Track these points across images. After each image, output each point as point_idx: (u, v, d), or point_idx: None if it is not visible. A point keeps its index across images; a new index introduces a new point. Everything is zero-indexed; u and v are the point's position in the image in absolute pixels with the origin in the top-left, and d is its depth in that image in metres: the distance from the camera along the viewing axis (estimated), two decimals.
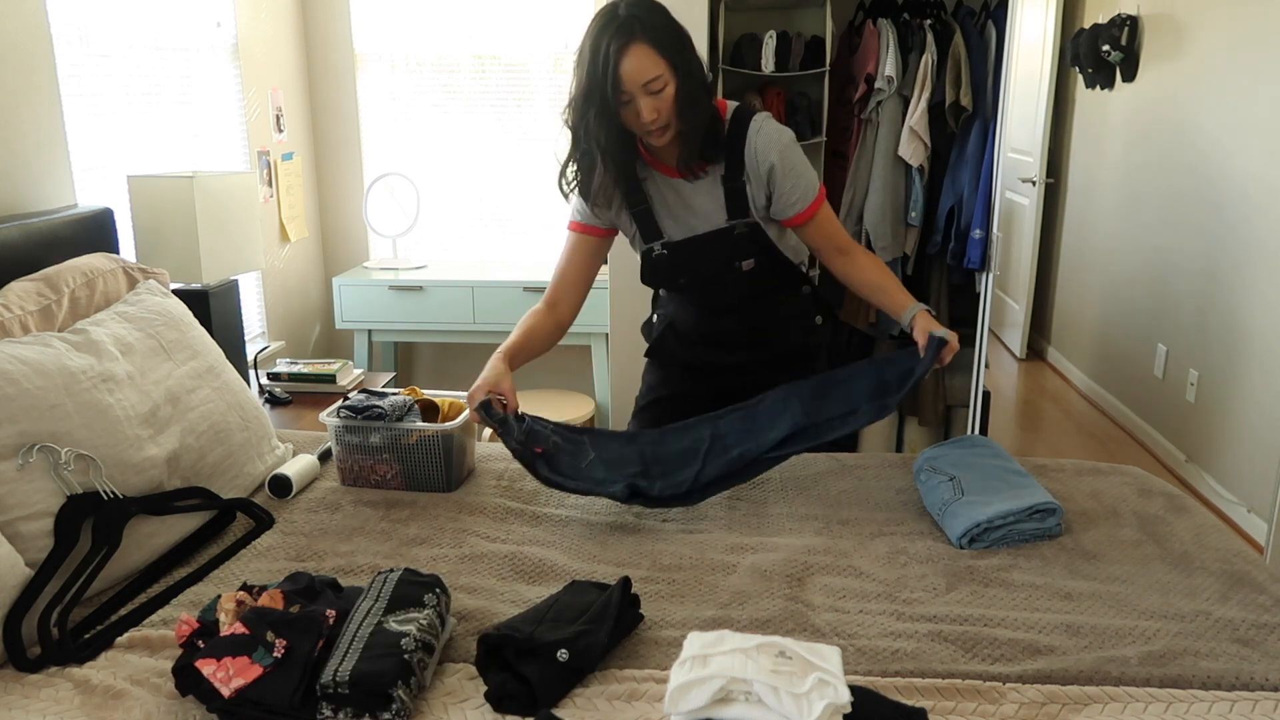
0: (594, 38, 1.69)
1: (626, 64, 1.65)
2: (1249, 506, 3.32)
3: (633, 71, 1.66)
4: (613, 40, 1.66)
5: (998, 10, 3.27)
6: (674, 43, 1.70)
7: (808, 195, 1.87)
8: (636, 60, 1.66)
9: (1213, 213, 3.63)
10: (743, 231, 1.87)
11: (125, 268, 1.97)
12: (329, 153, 3.90)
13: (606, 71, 1.66)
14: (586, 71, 1.69)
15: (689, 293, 2.02)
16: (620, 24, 1.66)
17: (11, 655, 1.30)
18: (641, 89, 1.67)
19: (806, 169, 1.87)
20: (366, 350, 3.68)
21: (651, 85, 1.67)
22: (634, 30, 1.65)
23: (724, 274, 1.92)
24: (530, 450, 1.72)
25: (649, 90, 1.68)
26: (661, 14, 1.71)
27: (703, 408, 1.88)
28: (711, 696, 1.09)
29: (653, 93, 1.68)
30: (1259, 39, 3.36)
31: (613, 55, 1.65)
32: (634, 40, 1.65)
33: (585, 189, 1.84)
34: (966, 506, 1.66)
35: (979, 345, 3.40)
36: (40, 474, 1.45)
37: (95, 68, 2.63)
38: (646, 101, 1.68)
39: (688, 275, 1.95)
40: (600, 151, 1.76)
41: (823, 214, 1.91)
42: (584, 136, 1.75)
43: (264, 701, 1.14)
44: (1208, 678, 1.26)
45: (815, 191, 1.88)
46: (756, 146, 1.81)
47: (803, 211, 1.88)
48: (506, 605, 1.44)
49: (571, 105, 1.75)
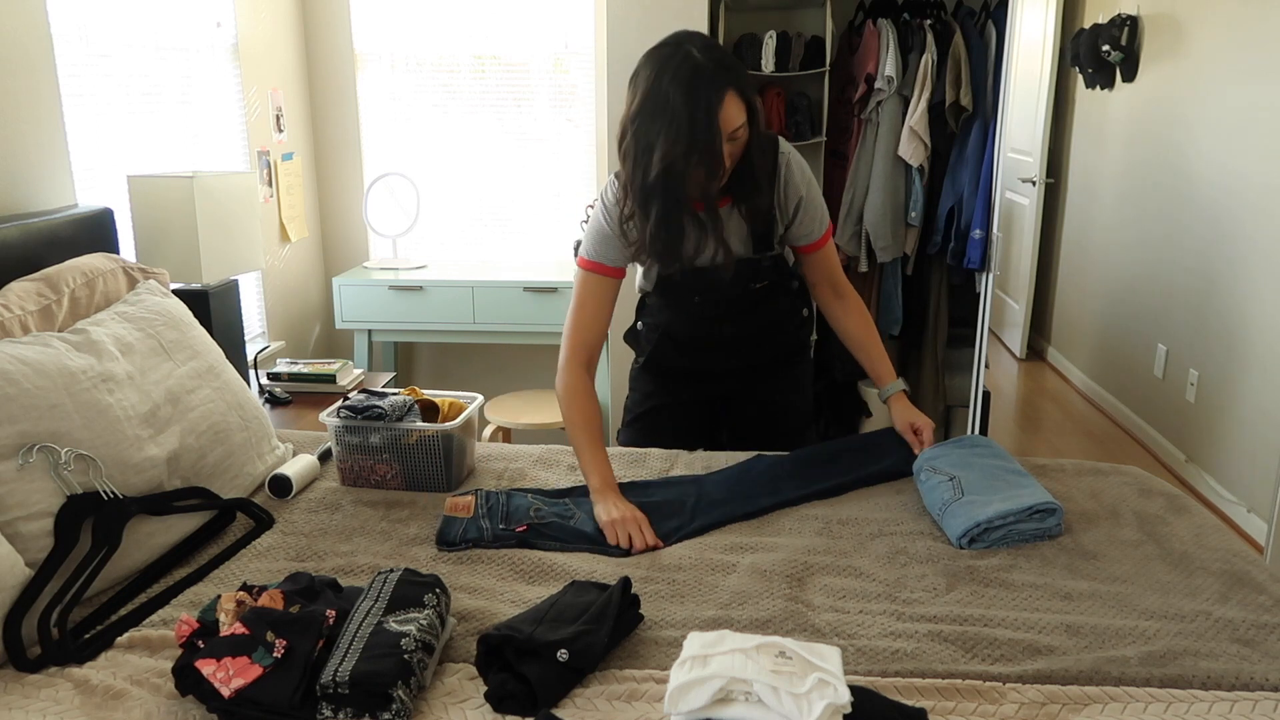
0: (677, 80, 1.60)
1: (725, 112, 1.62)
2: (1249, 506, 3.32)
3: (729, 119, 1.63)
4: (709, 86, 1.61)
5: (998, 10, 3.27)
6: (752, 90, 1.68)
7: (823, 225, 1.91)
8: (732, 108, 1.62)
9: (1213, 212, 3.63)
10: (768, 263, 1.90)
11: (125, 268, 1.97)
12: (329, 153, 3.90)
13: (707, 118, 1.60)
14: (681, 122, 1.60)
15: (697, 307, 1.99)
16: (715, 69, 1.62)
17: (11, 655, 1.30)
18: (728, 136, 1.64)
19: (821, 197, 1.92)
20: (366, 350, 3.68)
21: (737, 133, 1.65)
22: (729, 77, 1.62)
23: (739, 294, 1.93)
24: (512, 531, 1.66)
25: (733, 137, 1.65)
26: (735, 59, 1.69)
27: (699, 412, 1.88)
28: (711, 696, 1.09)
29: (734, 140, 1.66)
30: (1259, 39, 3.36)
31: (713, 102, 1.60)
32: (729, 87, 1.62)
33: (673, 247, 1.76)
34: (966, 506, 1.66)
35: (979, 345, 3.40)
36: (40, 474, 1.45)
37: (95, 68, 2.63)
38: (727, 148, 1.66)
39: (702, 294, 1.94)
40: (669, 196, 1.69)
41: (829, 246, 1.96)
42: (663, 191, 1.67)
43: (264, 701, 1.14)
44: (1208, 678, 1.26)
45: (828, 222, 1.92)
46: (788, 180, 1.82)
47: (816, 241, 1.92)
48: (506, 605, 1.44)
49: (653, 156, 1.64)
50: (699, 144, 1.62)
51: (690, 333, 2.03)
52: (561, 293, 3.52)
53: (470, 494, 1.76)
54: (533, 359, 4.07)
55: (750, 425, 2.11)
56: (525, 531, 1.67)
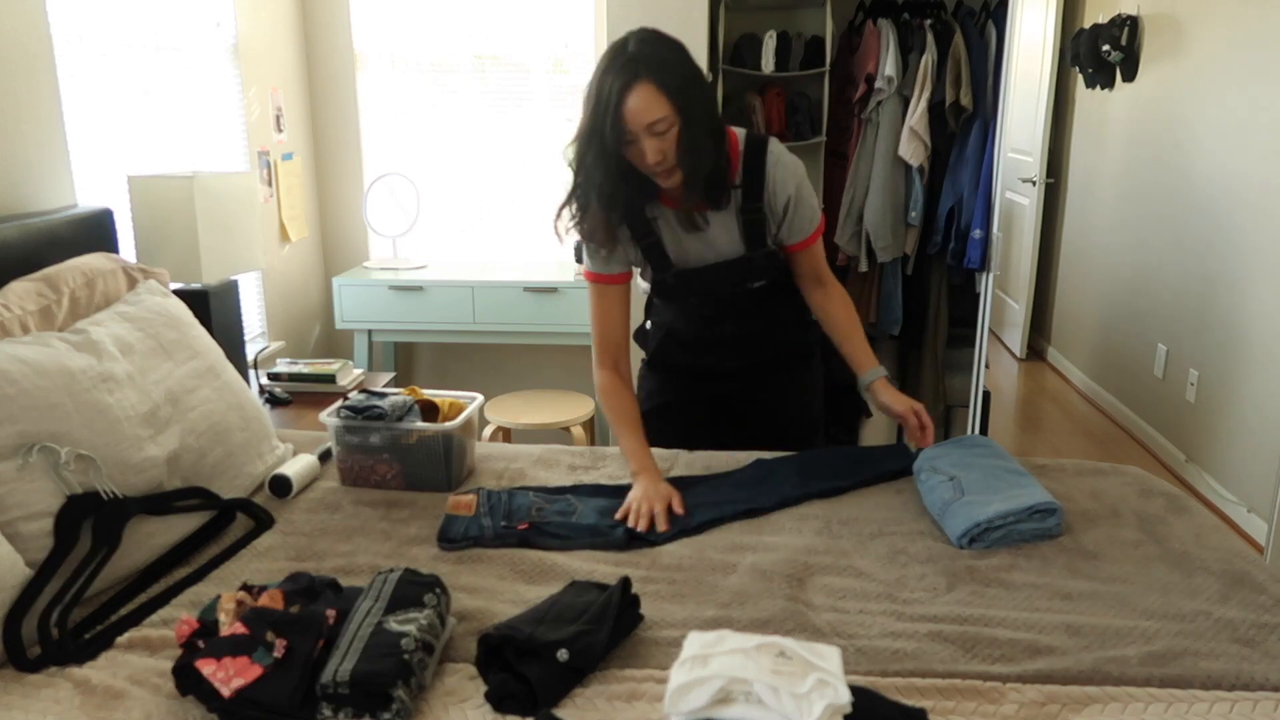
0: (600, 74, 1.62)
1: (630, 104, 1.58)
2: (1249, 506, 3.32)
3: (636, 112, 1.59)
4: (617, 78, 1.59)
5: (998, 10, 3.27)
6: (681, 83, 1.61)
7: (813, 224, 1.90)
8: (640, 101, 1.58)
9: (1213, 212, 3.63)
10: (760, 262, 1.89)
11: (125, 268, 1.97)
12: (329, 153, 3.90)
13: (608, 111, 1.59)
14: (590, 109, 1.62)
15: (696, 307, 2.00)
16: (626, 61, 1.59)
17: (11, 655, 1.30)
18: (645, 130, 1.60)
19: (813, 197, 1.89)
20: (366, 350, 3.68)
21: (655, 127, 1.60)
22: (639, 69, 1.58)
23: (736, 293, 1.93)
24: (514, 529, 1.67)
25: (653, 132, 1.61)
26: (673, 51, 1.63)
27: (705, 411, 1.88)
28: (711, 696, 1.09)
29: (657, 134, 1.61)
30: (1259, 40, 3.36)
31: (615, 94, 1.58)
32: (639, 79, 1.58)
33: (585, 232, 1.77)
34: (966, 506, 1.66)
35: (979, 345, 3.40)
36: (40, 474, 1.45)
37: (95, 68, 2.63)
38: (650, 143, 1.62)
39: (699, 296, 1.94)
40: (595, 192, 1.69)
41: (817, 244, 1.94)
42: (581, 177, 1.69)
43: (264, 701, 1.14)
44: (1208, 678, 1.26)
45: (819, 220, 1.91)
46: (776, 178, 1.80)
47: (806, 239, 1.91)
48: (506, 605, 1.44)
49: (574, 143, 1.68)
50: (596, 130, 1.62)
51: (693, 332, 2.03)
52: (562, 293, 3.52)
53: (472, 493, 1.76)
54: (533, 359, 4.07)
55: (756, 425, 2.11)
56: (527, 529, 1.67)
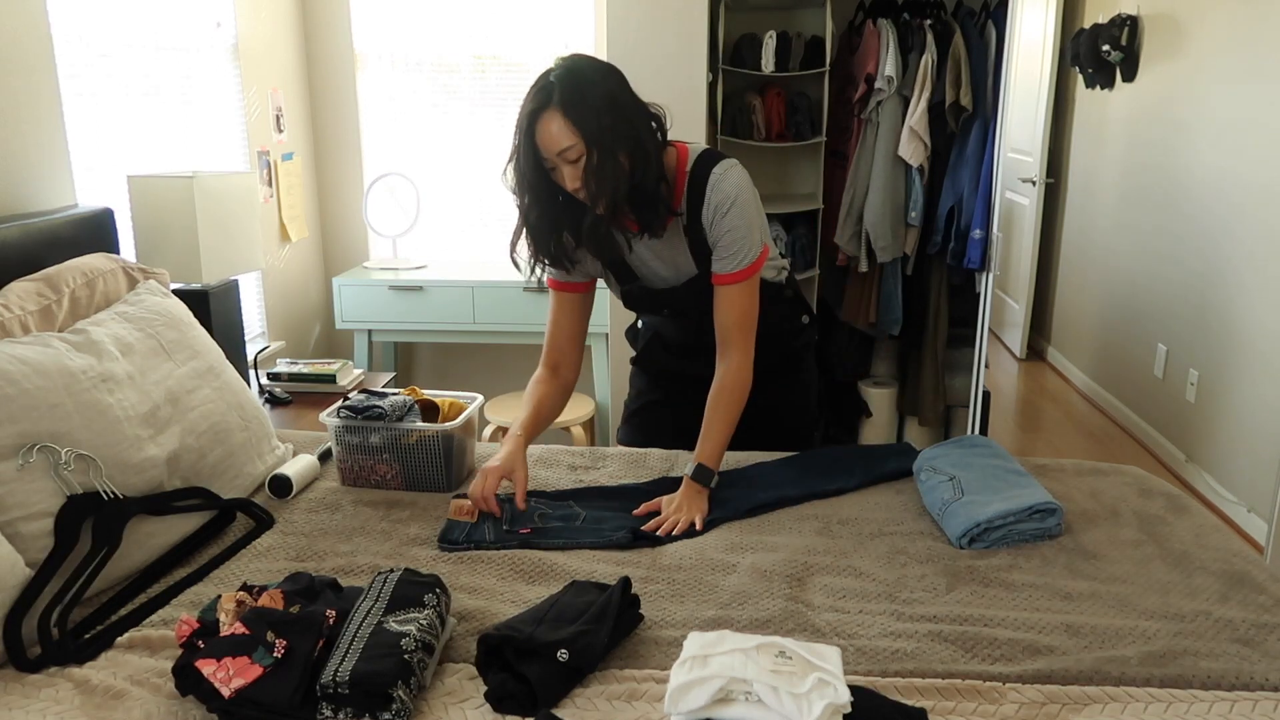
0: (523, 100, 1.65)
1: (539, 132, 1.61)
2: (1249, 506, 3.32)
3: (545, 140, 1.61)
4: (530, 104, 1.62)
5: (998, 10, 3.27)
6: (592, 113, 1.59)
7: (740, 259, 1.76)
8: (548, 129, 1.60)
9: (1213, 212, 3.63)
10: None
11: (125, 268, 1.97)
12: (329, 153, 3.90)
13: (523, 137, 1.63)
14: (514, 135, 1.66)
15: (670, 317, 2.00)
16: (540, 88, 1.62)
17: (11, 655, 1.30)
18: (558, 157, 1.63)
19: (750, 231, 1.76)
20: (366, 350, 3.68)
21: (566, 154, 1.62)
22: (550, 97, 1.60)
23: (704, 306, 1.86)
24: (517, 534, 1.67)
25: (565, 159, 1.62)
26: (591, 80, 1.62)
27: (695, 411, 1.87)
28: (711, 696, 1.09)
29: (569, 161, 1.63)
30: (1259, 39, 3.36)
31: (525, 121, 1.62)
32: (547, 107, 1.60)
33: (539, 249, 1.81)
34: (966, 506, 1.66)
35: (979, 345, 3.40)
36: (40, 474, 1.45)
37: (95, 68, 2.63)
38: (566, 170, 1.63)
39: (669, 307, 1.94)
40: (525, 214, 1.75)
41: (739, 290, 1.78)
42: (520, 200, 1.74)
43: (264, 702, 1.14)
44: (1208, 678, 1.26)
45: (749, 262, 1.77)
46: (711, 200, 1.74)
47: (727, 274, 1.77)
48: (506, 605, 1.44)
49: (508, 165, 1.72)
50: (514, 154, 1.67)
51: (678, 338, 2.04)
52: None
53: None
54: (533, 359, 4.02)
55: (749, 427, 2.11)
56: (529, 534, 1.68)
